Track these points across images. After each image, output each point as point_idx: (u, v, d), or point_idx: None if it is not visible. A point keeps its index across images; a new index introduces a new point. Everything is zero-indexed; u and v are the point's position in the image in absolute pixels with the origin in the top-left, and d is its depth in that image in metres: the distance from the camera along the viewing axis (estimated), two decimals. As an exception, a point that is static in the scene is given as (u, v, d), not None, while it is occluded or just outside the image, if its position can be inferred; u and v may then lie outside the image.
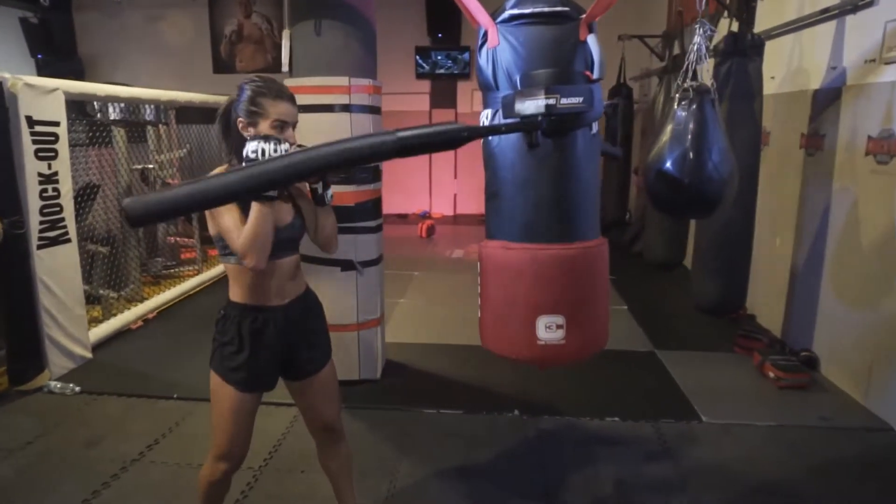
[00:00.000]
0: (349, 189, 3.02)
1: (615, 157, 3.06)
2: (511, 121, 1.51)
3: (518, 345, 1.69)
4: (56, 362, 3.35)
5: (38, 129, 3.21)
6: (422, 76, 8.79)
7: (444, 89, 8.87)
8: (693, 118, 2.36)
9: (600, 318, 1.77)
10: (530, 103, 1.45)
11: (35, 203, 3.21)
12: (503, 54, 1.60)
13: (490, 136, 1.55)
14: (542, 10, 1.57)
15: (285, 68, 3.16)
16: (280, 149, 1.53)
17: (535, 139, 1.46)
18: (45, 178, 3.27)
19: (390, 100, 3.31)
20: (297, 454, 2.61)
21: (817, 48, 3.52)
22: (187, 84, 6.05)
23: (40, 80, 3.29)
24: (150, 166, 4.93)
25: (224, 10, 8.84)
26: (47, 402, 3.14)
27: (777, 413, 3.02)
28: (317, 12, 2.96)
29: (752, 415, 2.99)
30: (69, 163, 3.46)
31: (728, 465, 2.58)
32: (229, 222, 1.59)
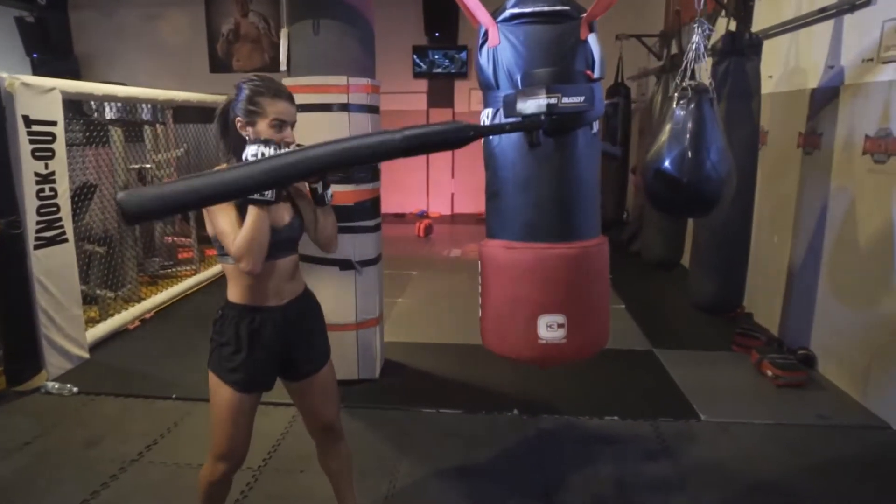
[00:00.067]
0: (348, 188, 3.02)
1: (614, 156, 3.07)
2: (515, 120, 1.51)
3: (519, 344, 1.69)
4: (53, 363, 3.34)
5: (34, 128, 3.19)
6: (419, 75, 8.78)
7: (441, 88, 8.86)
8: (691, 117, 2.37)
9: (601, 317, 1.77)
10: (532, 102, 1.45)
11: (32, 203, 3.20)
12: (504, 53, 1.60)
13: (495, 135, 1.54)
14: (543, 9, 1.57)
15: (283, 67, 3.15)
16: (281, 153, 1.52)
17: (537, 138, 1.46)
18: (42, 178, 3.25)
19: (387, 99, 3.31)
20: (297, 454, 2.61)
21: (815, 47, 3.52)
22: (184, 83, 6.04)
23: (37, 80, 3.27)
24: (148, 166, 4.91)
25: (221, 8, 8.81)
26: (45, 402, 3.13)
27: (775, 411, 3.03)
28: (315, 11, 2.95)
29: (750, 413, 3.00)
30: (66, 162, 3.45)
31: (727, 464, 2.59)
32: (225, 224, 1.58)
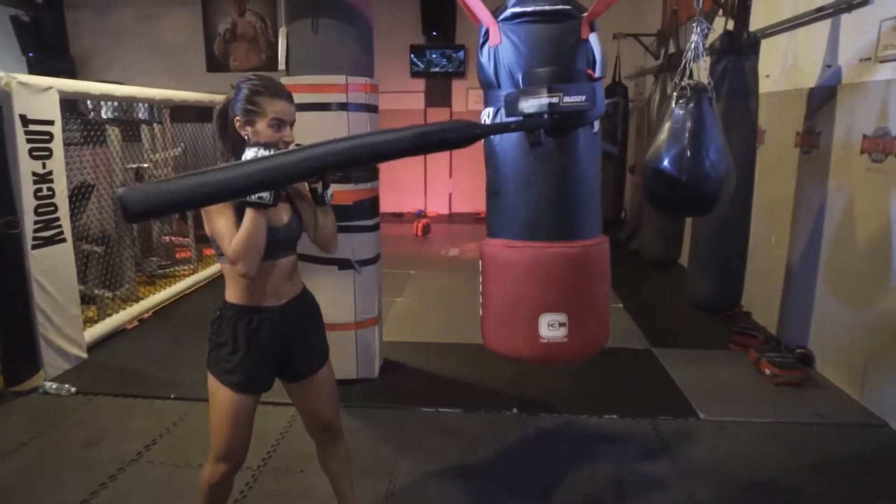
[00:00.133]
0: (347, 188, 3.02)
1: (611, 154, 3.08)
2: (518, 119, 1.50)
3: (520, 343, 1.69)
4: (51, 363, 3.33)
5: (32, 128, 3.18)
6: (417, 75, 8.78)
7: (439, 88, 8.85)
8: (690, 116, 2.37)
9: (602, 315, 1.77)
10: (533, 101, 1.45)
11: (30, 203, 3.19)
12: (505, 52, 1.59)
13: (499, 134, 1.54)
14: (545, 8, 1.57)
15: (282, 66, 3.14)
16: None
17: (538, 137, 1.46)
18: (39, 178, 3.24)
19: (385, 98, 3.30)
20: (296, 454, 2.61)
21: (813, 46, 3.53)
22: (181, 82, 6.02)
23: (34, 79, 3.26)
24: (145, 165, 4.90)
25: (218, 8, 8.79)
26: (43, 402, 3.12)
27: (773, 410, 3.04)
28: (314, 10, 2.95)
29: (748, 412, 3.01)
30: (64, 162, 3.44)
31: (725, 462, 2.60)
32: (222, 226, 1.57)
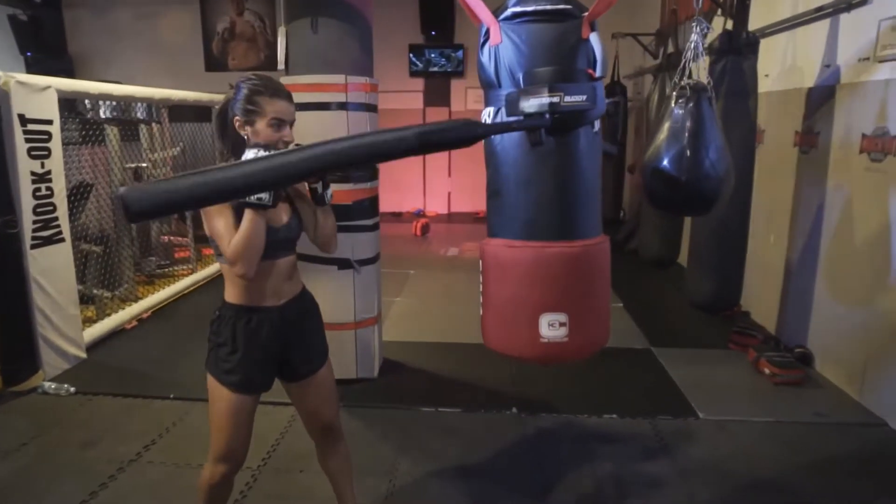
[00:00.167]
0: (346, 187, 3.01)
1: (610, 154, 3.07)
2: (521, 118, 1.50)
3: (521, 343, 1.69)
4: (50, 363, 3.33)
5: (30, 127, 3.18)
6: (415, 74, 8.77)
7: (437, 87, 8.85)
8: (690, 116, 2.37)
9: (602, 315, 1.77)
10: (534, 101, 1.45)
11: (28, 202, 3.18)
12: (506, 52, 1.59)
13: (502, 133, 1.54)
14: (545, 7, 1.57)
15: (281, 66, 3.14)
16: None
17: (539, 137, 1.46)
18: (38, 177, 3.24)
19: (384, 98, 3.30)
20: (296, 454, 2.61)
21: (811, 46, 3.53)
22: (179, 82, 6.01)
23: (33, 78, 3.25)
24: (144, 165, 4.89)
25: (216, 7, 8.78)
26: (42, 402, 3.11)
27: (772, 409, 3.04)
28: (314, 9, 2.95)
29: (747, 411, 3.02)
30: (63, 161, 3.43)
31: (725, 462, 2.60)
32: (221, 227, 1.56)
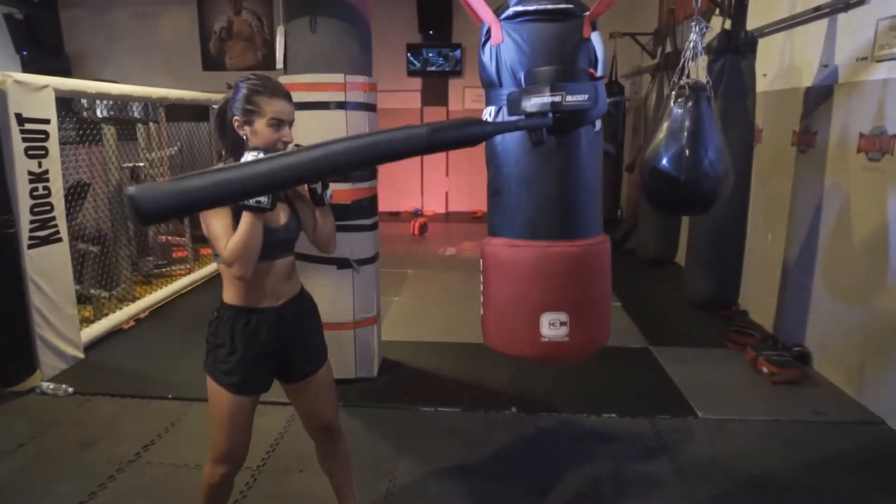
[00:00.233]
0: (345, 187, 3.01)
1: (608, 153, 3.08)
2: (525, 118, 1.50)
3: (521, 342, 1.69)
4: (48, 363, 3.32)
5: (28, 126, 3.16)
6: (413, 73, 8.76)
7: (435, 87, 8.84)
8: (689, 116, 2.37)
9: (603, 314, 1.77)
10: (536, 100, 1.45)
11: (25, 202, 3.17)
12: (507, 51, 1.59)
13: (507, 132, 1.54)
14: (547, 7, 1.57)
15: (280, 65, 3.13)
16: None
17: (541, 136, 1.46)
18: (35, 177, 3.22)
19: (381, 97, 3.30)
20: (296, 454, 2.60)
21: (809, 46, 3.54)
22: (176, 81, 6.00)
23: (30, 77, 3.24)
24: (141, 164, 4.88)
25: (213, 6, 8.76)
26: (40, 403, 3.10)
27: (771, 408, 3.05)
28: (312, 8, 2.94)
29: (746, 410, 3.02)
30: (60, 161, 3.42)
31: (724, 460, 2.61)
32: (219, 228, 1.56)
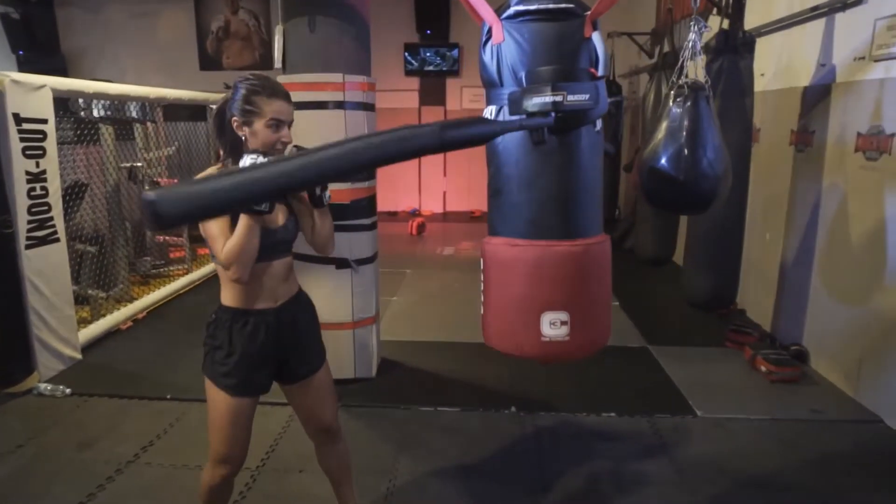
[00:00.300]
0: (344, 187, 3.00)
1: (607, 153, 3.08)
2: (523, 117, 1.50)
3: (522, 342, 1.69)
4: (45, 364, 3.30)
5: (25, 126, 3.15)
6: (411, 73, 8.75)
7: (432, 86, 8.84)
8: (688, 115, 2.37)
9: (603, 314, 1.77)
10: (537, 100, 1.45)
11: (23, 202, 3.15)
12: (508, 51, 1.59)
13: (511, 132, 1.54)
14: (548, 6, 1.57)
15: (278, 64, 3.13)
16: None
17: (542, 136, 1.46)
18: (32, 177, 3.21)
19: (379, 97, 3.29)
20: (295, 454, 2.60)
21: (807, 45, 3.55)
22: (173, 81, 5.98)
23: (28, 77, 3.23)
24: (139, 164, 4.86)
25: (210, 5, 8.74)
26: (37, 404, 3.09)
27: (769, 407, 3.06)
28: (310, 8, 2.94)
29: (744, 408, 3.03)
30: (57, 161, 3.41)
31: (722, 459, 2.61)
32: (215, 230, 1.55)
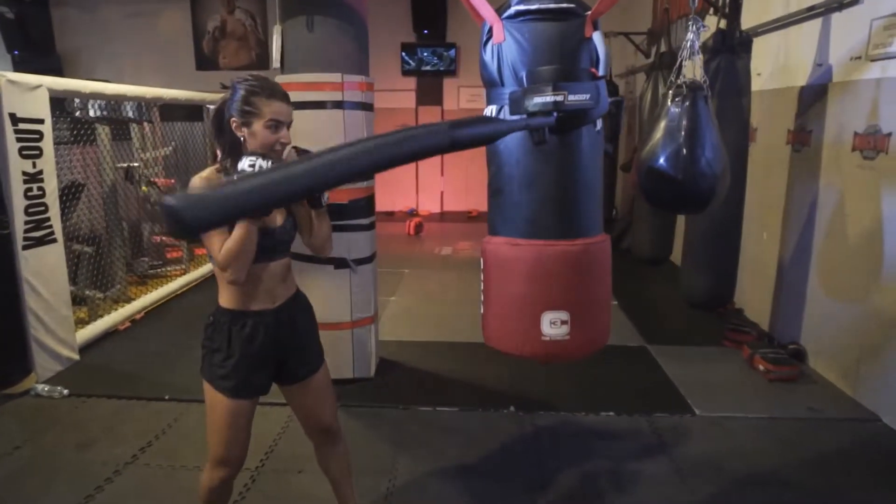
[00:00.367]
0: (343, 187, 2.99)
1: (606, 152, 3.08)
2: (524, 116, 1.50)
3: (522, 341, 1.69)
4: (43, 365, 3.29)
5: (21, 126, 3.14)
6: (408, 73, 8.75)
7: (430, 86, 8.84)
8: (686, 114, 2.37)
9: (603, 313, 1.78)
10: (538, 100, 1.45)
11: (20, 202, 3.14)
12: (509, 50, 1.59)
13: (515, 132, 1.54)
14: (549, 6, 1.57)
15: (276, 64, 3.12)
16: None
17: (543, 136, 1.46)
18: (29, 177, 3.20)
19: (377, 97, 3.29)
20: (295, 454, 2.59)
21: (804, 45, 3.56)
22: (170, 81, 5.96)
23: (24, 77, 3.21)
24: (135, 164, 4.85)
25: (206, 5, 8.72)
26: (35, 405, 3.08)
27: (767, 405, 3.07)
28: (309, 8, 2.93)
29: (743, 407, 3.04)
30: (54, 161, 3.40)
31: (721, 457, 2.62)
32: (212, 231, 1.54)
